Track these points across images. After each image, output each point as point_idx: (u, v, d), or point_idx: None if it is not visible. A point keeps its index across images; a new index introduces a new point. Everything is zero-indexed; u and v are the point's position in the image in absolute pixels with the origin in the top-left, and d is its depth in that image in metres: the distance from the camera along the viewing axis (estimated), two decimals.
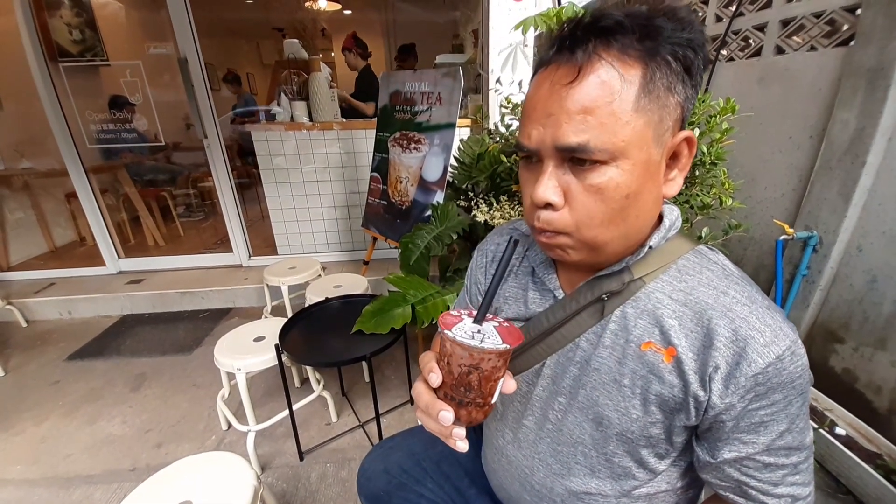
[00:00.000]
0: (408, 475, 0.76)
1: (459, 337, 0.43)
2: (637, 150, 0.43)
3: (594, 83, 0.41)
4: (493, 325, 0.48)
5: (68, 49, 2.54)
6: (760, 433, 0.46)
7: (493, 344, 0.43)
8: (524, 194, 0.50)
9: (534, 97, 0.46)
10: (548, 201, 0.45)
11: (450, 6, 4.46)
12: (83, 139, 2.71)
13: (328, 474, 1.45)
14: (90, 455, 1.56)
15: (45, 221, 3.33)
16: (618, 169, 0.43)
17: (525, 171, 0.50)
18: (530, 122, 0.46)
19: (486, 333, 0.45)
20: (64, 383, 1.99)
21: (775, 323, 0.45)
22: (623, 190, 0.44)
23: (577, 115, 0.42)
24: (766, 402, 0.45)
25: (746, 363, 0.44)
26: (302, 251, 3.05)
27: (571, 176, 0.45)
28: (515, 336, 0.46)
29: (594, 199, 0.44)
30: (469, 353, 0.43)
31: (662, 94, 0.43)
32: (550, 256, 0.52)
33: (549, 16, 1.59)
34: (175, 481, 0.92)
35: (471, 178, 1.81)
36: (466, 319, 0.48)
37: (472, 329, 0.46)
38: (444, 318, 0.47)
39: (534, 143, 0.45)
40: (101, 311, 2.64)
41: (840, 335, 1.40)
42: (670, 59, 0.42)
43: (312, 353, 1.40)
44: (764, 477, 0.47)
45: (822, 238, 1.38)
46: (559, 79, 0.43)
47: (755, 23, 1.58)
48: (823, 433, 1.32)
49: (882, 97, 1.19)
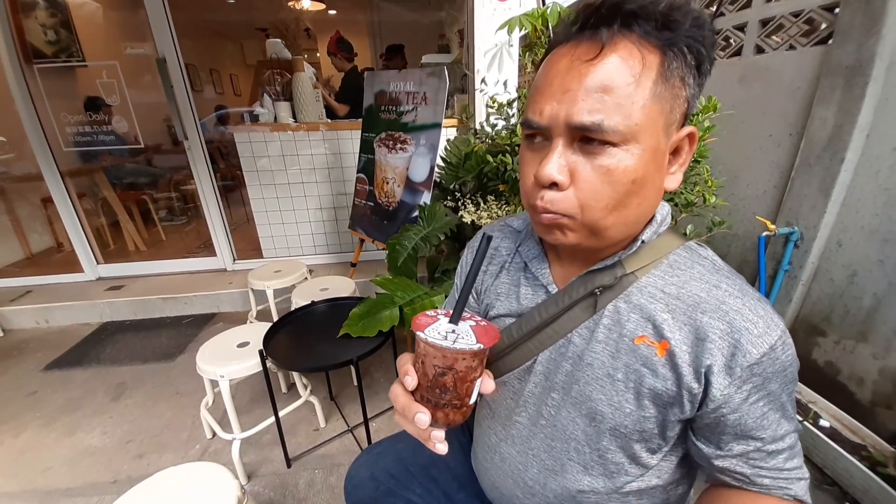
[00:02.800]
0: (395, 481, 0.75)
1: (432, 338, 0.42)
2: (648, 137, 0.43)
3: (615, 63, 0.41)
4: (469, 324, 0.47)
5: (43, 50, 2.46)
6: (765, 426, 0.47)
7: (466, 344, 0.42)
8: (525, 174, 0.49)
9: (550, 72, 0.45)
10: (553, 180, 0.44)
11: (435, 6, 4.45)
12: (58, 142, 2.63)
13: (317, 481, 1.42)
14: (70, 467, 1.51)
15: (20, 227, 3.22)
16: (627, 153, 0.43)
17: (528, 151, 0.49)
18: (544, 98, 0.45)
19: (461, 333, 0.44)
20: (42, 394, 1.92)
21: (766, 314, 0.46)
22: (630, 174, 0.44)
23: (595, 92, 0.41)
24: (764, 393, 0.46)
25: (742, 354, 0.45)
26: (288, 254, 3.01)
27: (580, 156, 0.44)
28: (491, 335, 0.45)
29: (601, 180, 0.44)
30: (442, 354, 0.43)
31: (677, 85, 0.44)
32: (547, 239, 0.50)
33: (533, 16, 1.59)
34: (155, 493, 0.89)
35: (458, 179, 1.81)
36: (442, 320, 0.47)
37: (445, 329, 0.45)
38: (417, 320, 0.46)
39: (545, 119, 0.44)
40: (80, 318, 2.57)
41: (822, 328, 1.43)
42: (686, 52, 0.43)
43: (298, 358, 1.37)
44: (770, 465, 0.48)
45: (803, 234, 1.41)
46: (580, 55, 0.43)
47: (735, 23, 1.60)
48: (808, 425, 1.34)
49: (860, 94, 1.22)
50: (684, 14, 0.42)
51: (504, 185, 1.61)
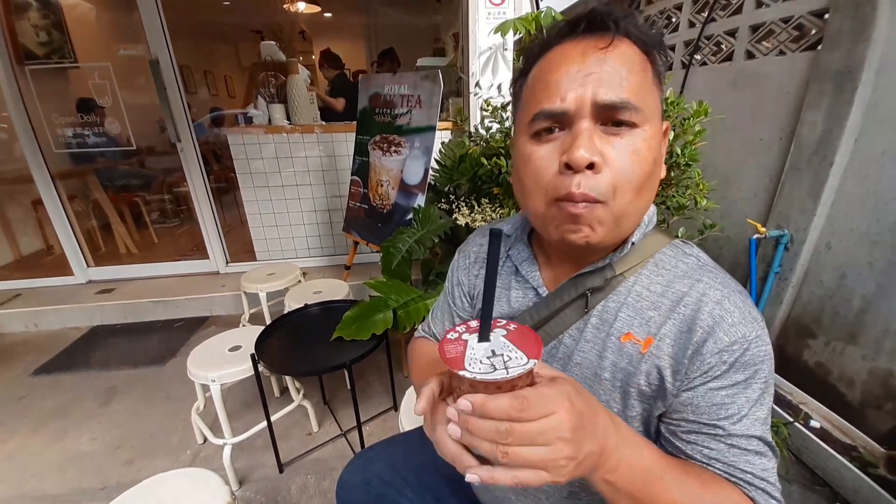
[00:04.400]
0: (387, 486, 0.74)
1: (482, 375, 0.35)
2: (657, 120, 0.47)
3: (626, 51, 0.45)
4: (500, 334, 0.41)
5: (35, 51, 2.44)
6: (720, 416, 0.45)
7: (518, 364, 0.36)
8: (539, 169, 0.47)
9: (563, 63, 0.45)
10: (591, 160, 0.43)
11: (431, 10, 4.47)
12: (49, 144, 2.60)
13: (309, 486, 1.41)
14: (58, 473, 1.49)
15: (10, 229, 3.18)
16: (646, 133, 0.45)
17: (538, 146, 0.47)
18: (562, 86, 0.45)
19: (502, 351, 0.38)
20: (30, 399, 1.89)
21: (745, 307, 0.47)
22: (653, 153, 0.46)
23: (618, 74, 0.43)
24: (726, 382, 0.45)
25: (713, 341, 0.45)
26: (282, 257, 2.99)
27: (607, 138, 0.44)
28: (531, 338, 0.40)
29: (631, 160, 0.44)
30: (496, 387, 0.35)
31: (658, 84, 0.48)
32: (571, 239, 0.47)
33: (527, 20, 1.60)
34: (145, 500, 0.88)
35: (452, 181, 1.81)
36: (469, 339, 0.40)
37: (483, 353, 0.38)
38: (446, 353, 0.38)
39: (570, 103, 0.44)
40: (70, 322, 2.53)
41: (812, 330, 1.44)
42: (660, 56, 0.48)
43: (291, 362, 1.36)
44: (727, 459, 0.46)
45: (794, 236, 1.42)
46: (594, 44, 0.45)
47: (726, 28, 1.62)
48: (799, 426, 1.34)
49: (849, 99, 1.23)
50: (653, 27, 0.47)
51: (498, 188, 1.61)
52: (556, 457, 0.35)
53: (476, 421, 0.35)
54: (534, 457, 0.34)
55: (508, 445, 0.34)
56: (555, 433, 0.35)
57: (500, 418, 0.34)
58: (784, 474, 1.33)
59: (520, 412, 0.34)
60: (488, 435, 0.34)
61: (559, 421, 0.35)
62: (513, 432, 0.34)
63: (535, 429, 0.34)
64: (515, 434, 0.34)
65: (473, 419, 0.35)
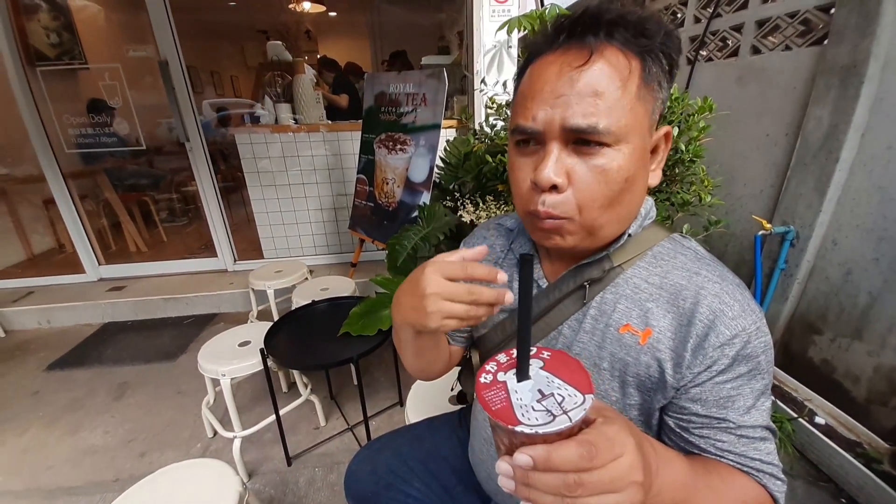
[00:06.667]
0: (395, 475, 0.76)
1: (544, 428, 0.30)
2: (636, 137, 0.46)
3: (604, 68, 0.44)
4: (537, 366, 0.37)
5: (45, 53, 2.48)
6: (728, 408, 0.47)
7: (576, 404, 0.32)
8: (518, 180, 0.49)
9: (539, 80, 0.46)
10: (553, 182, 0.45)
11: (435, 8, 4.47)
12: (61, 144, 2.65)
13: (317, 479, 1.43)
14: (72, 466, 1.52)
15: (22, 228, 3.24)
16: (619, 152, 0.45)
17: (519, 156, 0.49)
18: (535, 104, 0.46)
19: (551, 389, 0.34)
20: (44, 393, 1.94)
21: (744, 299, 0.48)
22: (623, 173, 0.46)
23: (588, 97, 0.43)
24: (731, 375, 0.47)
25: (714, 334, 0.46)
26: (288, 255, 3.02)
27: (576, 158, 0.45)
28: (573, 366, 0.36)
29: (598, 180, 0.45)
30: (557, 435, 0.31)
31: (654, 88, 0.47)
32: (545, 244, 0.51)
33: (532, 17, 1.60)
34: (157, 490, 0.90)
35: (457, 179, 1.82)
36: (507, 379, 0.36)
37: (531, 395, 0.33)
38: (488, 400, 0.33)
39: (539, 123, 0.45)
40: (82, 319, 2.58)
41: (818, 326, 1.44)
42: (661, 58, 0.46)
43: (299, 357, 1.39)
44: (738, 450, 0.48)
45: (799, 232, 1.42)
46: (570, 61, 0.44)
47: (732, 23, 1.61)
48: (803, 422, 1.34)
49: (854, 94, 1.23)
50: (656, 24, 0.45)
51: (503, 185, 1.62)
52: (628, 502, 0.31)
53: (538, 476, 0.30)
54: None
55: (577, 497, 0.30)
56: (628, 478, 0.32)
57: (568, 470, 0.30)
58: (789, 470, 1.33)
59: (590, 461, 0.30)
60: (554, 489, 0.30)
61: (629, 465, 0.32)
62: (582, 483, 0.30)
63: (607, 476, 0.30)
64: (585, 485, 0.30)
65: (535, 473, 0.30)
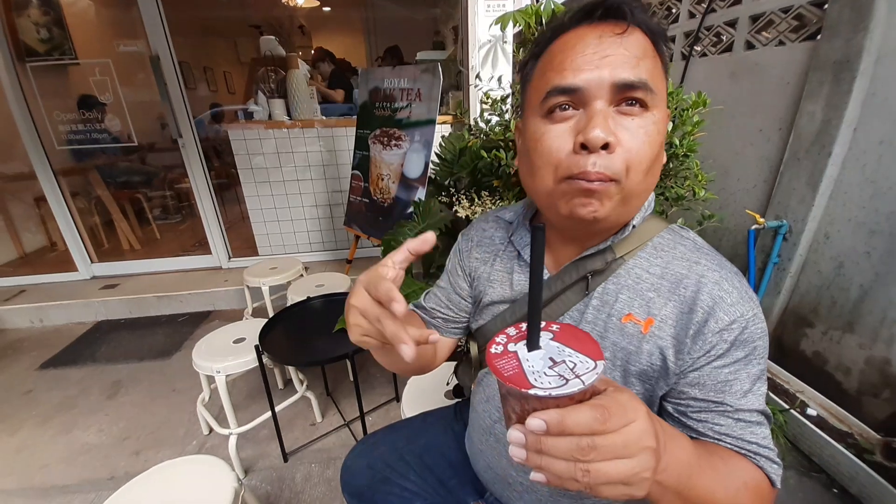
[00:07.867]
0: (391, 469, 0.76)
1: (557, 390, 0.31)
2: (664, 105, 0.48)
3: (640, 39, 0.46)
4: (547, 337, 0.38)
5: (35, 48, 2.45)
6: (726, 392, 0.48)
7: (588, 369, 0.33)
8: (552, 149, 0.47)
9: (579, 43, 0.46)
10: (607, 140, 0.43)
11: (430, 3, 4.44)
12: (52, 141, 2.62)
13: (313, 474, 1.44)
14: (66, 464, 1.51)
15: (13, 227, 3.20)
16: (655, 117, 0.46)
17: (551, 124, 0.47)
18: (577, 66, 0.45)
19: (563, 357, 0.34)
20: (37, 392, 1.92)
21: (742, 287, 0.49)
22: (660, 137, 0.47)
23: (633, 57, 0.45)
24: (729, 360, 0.48)
25: (714, 320, 0.47)
26: (283, 251, 3.01)
27: (620, 119, 0.45)
28: (582, 337, 0.37)
29: (642, 141, 0.45)
30: (570, 399, 0.32)
31: (665, 73, 0.49)
32: (577, 214, 0.47)
33: (527, 13, 1.60)
34: (152, 486, 0.90)
35: (452, 174, 1.81)
36: (517, 349, 0.37)
37: (543, 363, 0.34)
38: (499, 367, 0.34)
39: (585, 81, 0.44)
40: (75, 317, 2.56)
41: (810, 319, 1.45)
42: (665, 49, 0.49)
43: (294, 353, 1.38)
44: (736, 434, 0.48)
45: (792, 227, 1.43)
46: (609, 29, 0.46)
47: (726, 19, 1.62)
48: (795, 414, 1.36)
49: (847, 89, 1.23)
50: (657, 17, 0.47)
51: (498, 181, 1.62)
52: (641, 469, 0.31)
53: (551, 440, 0.30)
54: (618, 471, 0.31)
55: (590, 462, 0.30)
56: (641, 443, 0.32)
57: (582, 433, 0.30)
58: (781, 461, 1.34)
59: (603, 424, 0.30)
60: (567, 454, 0.30)
61: (642, 429, 0.32)
62: (595, 447, 0.30)
63: (620, 441, 0.31)
64: (599, 449, 0.30)
65: (548, 439, 0.31)
